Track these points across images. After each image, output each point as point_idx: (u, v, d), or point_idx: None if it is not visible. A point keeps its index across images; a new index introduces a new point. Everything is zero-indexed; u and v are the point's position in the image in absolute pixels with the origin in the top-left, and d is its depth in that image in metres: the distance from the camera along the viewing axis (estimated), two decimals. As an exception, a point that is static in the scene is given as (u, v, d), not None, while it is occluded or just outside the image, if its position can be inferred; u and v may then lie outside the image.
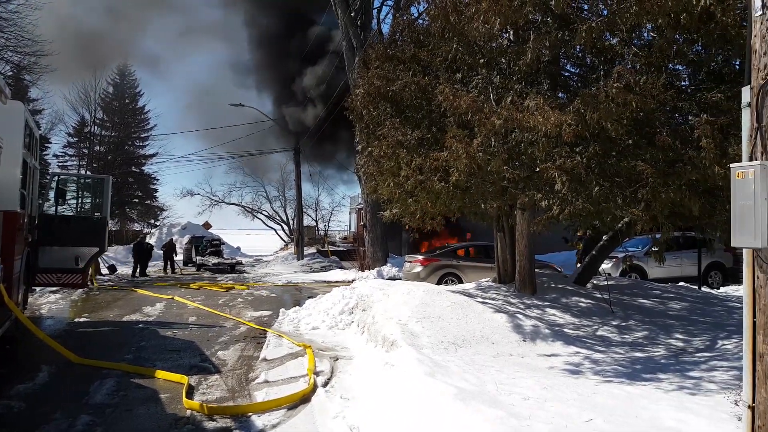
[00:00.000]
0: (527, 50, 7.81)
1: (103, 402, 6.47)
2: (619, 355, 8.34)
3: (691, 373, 7.25)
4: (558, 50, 8.41)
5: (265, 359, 8.36)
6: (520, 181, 8.37)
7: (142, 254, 24.58)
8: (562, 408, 5.64)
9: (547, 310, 10.68)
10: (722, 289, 16.68)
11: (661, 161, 7.12)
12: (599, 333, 9.69)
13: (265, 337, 10.02)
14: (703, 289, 15.87)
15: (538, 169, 7.48)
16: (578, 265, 19.08)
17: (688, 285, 15.28)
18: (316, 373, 7.24)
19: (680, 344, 9.17)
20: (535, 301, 11.11)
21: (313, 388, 6.64)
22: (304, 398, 6.37)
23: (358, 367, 7.64)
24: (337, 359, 8.23)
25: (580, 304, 11.25)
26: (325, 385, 6.87)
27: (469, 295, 10.85)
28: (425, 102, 8.98)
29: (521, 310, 10.30)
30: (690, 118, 6.86)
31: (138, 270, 24.11)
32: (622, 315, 10.70)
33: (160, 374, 7.35)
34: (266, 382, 7.11)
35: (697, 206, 7.04)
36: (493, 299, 11.03)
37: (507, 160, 7.64)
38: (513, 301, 11.05)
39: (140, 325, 11.43)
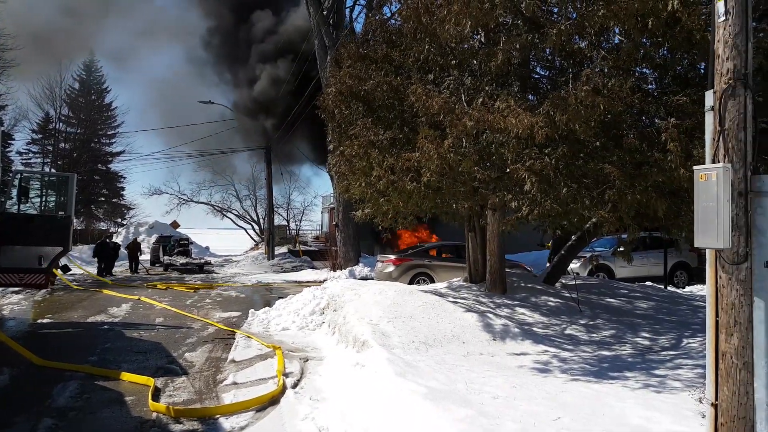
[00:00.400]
0: (498, 52, 7.87)
1: (66, 405, 6.36)
2: (586, 354, 8.45)
3: (657, 372, 7.37)
4: (528, 53, 8.48)
5: (233, 361, 8.28)
6: (490, 181, 8.44)
7: (106, 254, 24.15)
8: (530, 407, 5.70)
9: (517, 309, 10.77)
10: (687, 289, 17.01)
11: (628, 163, 7.23)
12: (567, 332, 9.80)
13: (234, 339, 9.93)
14: (669, 288, 16.14)
15: (508, 170, 7.55)
16: (548, 264, 19.35)
17: (655, 284, 15.52)
18: (286, 375, 7.20)
19: (647, 343, 9.32)
20: (505, 301, 11.19)
21: (282, 390, 6.60)
22: (273, 400, 6.33)
23: (328, 368, 7.61)
24: (307, 360, 8.20)
25: (549, 303, 11.37)
26: (295, 386, 6.84)
27: (441, 295, 10.90)
28: (397, 102, 9.00)
29: (491, 310, 10.37)
30: (657, 121, 6.95)
31: (104, 270, 23.71)
32: (590, 314, 10.84)
33: (125, 376, 7.24)
34: (234, 383, 7.05)
35: (662, 208, 7.16)
36: (464, 299, 11.09)
37: (478, 161, 7.69)
38: (483, 300, 11.12)
39: (105, 327, 11.25)
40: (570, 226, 9.19)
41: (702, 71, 8.72)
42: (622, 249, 9.23)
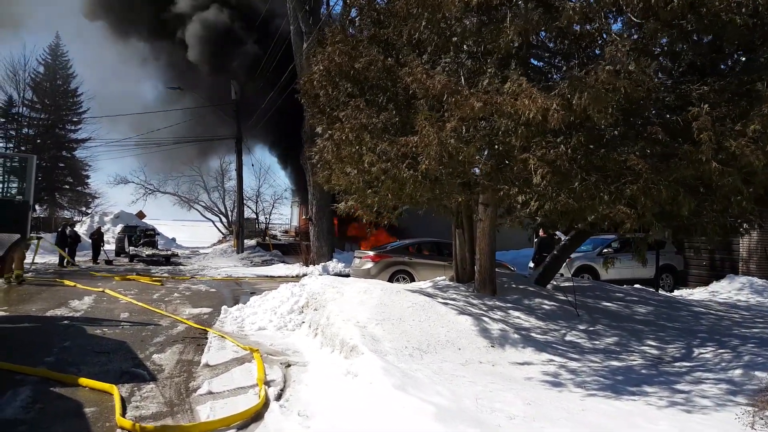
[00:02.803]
0: (504, 29, 7.13)
1: (14, 417, 5.43)
2: (596, 364, 7.75)
3: (679, 386, 6.69)
4: (538, 30, 7.73)
5: (207, 365, 7.38)
6: (491, 172, 7.68)
7: (66, 243, 22.88)
8: (553, 429, 4.96)
9: (511, 312, 10.05)
10: (676, 293, 16.51)
11: (653, 155, 6.53)
12: (568, 338, 9.10)
13: (206, 338, 9.02)
14: (661, 292, 15.62)
15: (518, 159, 6.79)
16: (531, 263, 18.73)
17: (645, 287, 14.97)
18: (267, 383, 6.34)
19: (655, 352, 8.67)
20: (497, 303, 10.46)
21: (266, 403, 5.74)
22: (257, 414, 5.47)
23: (314, 375, 6.76)
24: (290, 366, 7.33)
25: (544, 306, 10.67)
26: (279, 398, 5.98)
27: (429, 295, 10.11)
28: (390, 83, 8.17)
29: (484, 312, 9.63)
30: (690, 108, 6.23)
31: (65, 259, 22.46)
32: (588, 319, 10.17)
33: (85, 382, 6.29)
34: (210, 393, 6.16)
35: (689, 205, 6.48)
36: (453, 300, 10.33)
37: (481, 149, 6.92)
38: (474, 302, 10.37)
39: (65, 322, 10.22)
40: (583, 225, 8.44)
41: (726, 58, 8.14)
42: (612, 252, 8.52)
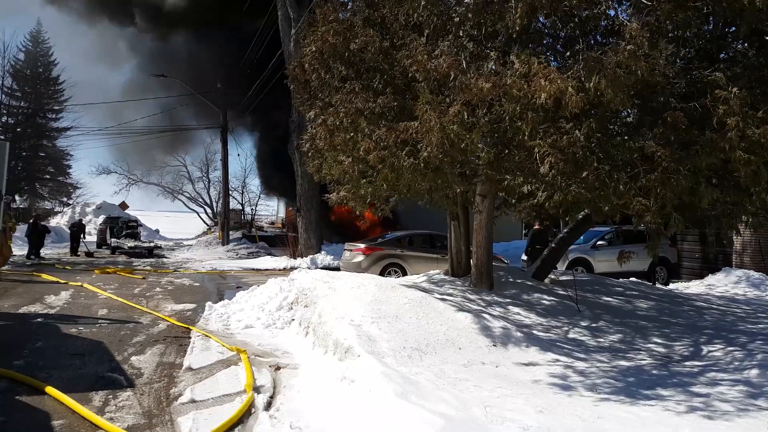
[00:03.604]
0: (509, 10, 6.64)
1: (-29, 432, 4.90)
2: (604, 364, 7.31)
3: (695, 389, 6.27)
4: (547, 10, 7.23)
5: (190, 368, 6.83)
6: (494, 161, 7.19)
7: (37, 235, 22.16)
8: (572, 442, 4.50)
9: (510, 308, 9.63)
10: (671, 286, 16.18)
11: (673, 142, 6.07)
12: (571, 336, 8.69)
13: (189, 337, 8.49)
14: (658, 285, 15.29)
15: (526, 146, 6.31)
16: (524, 256, 18.32)
17: (640, 281, 14.61)
18: (256, 390, 5.84)
19: (662, 350, 8.27)
20: (495, 298, 10.04)
21: (253, 412, 5.24)
22: (244, 427, 4.97)
23: (307, 380, 6.26)
24: (279, 368, 6.83)
25: (543, 301, 10.26)
26: (269, 407, 5.47)
27: (425, 291, 9.65)
28: (387, 66, 7.64)
29: (483, 309, 9.18)
30: (717, 91, 5.77)
31: (33, 252, 21.74)
32: (590, 315, 9.77)
33: (52, 392, 5.72)
34: (193, 401, 5.63)
35: (711, 196, 6.05)
36: (450, 295, 9.88)
37: (487, 134, 6.42)
38: (472, 297, 9.94)
39: (39, 320, 9.63)
40: (596, 217, 7.98)
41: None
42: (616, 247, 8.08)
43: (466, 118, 6.13)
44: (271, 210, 50.12)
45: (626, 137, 6.24)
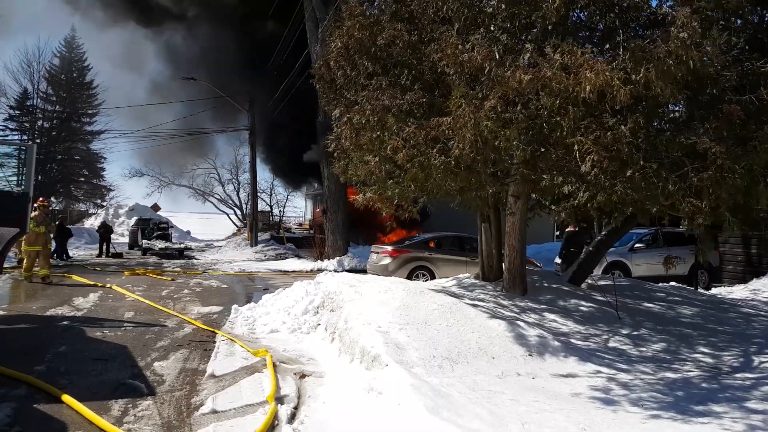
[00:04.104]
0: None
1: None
2: (648, 376, 6.86)
3: (750, 405, 5.79)
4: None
5: (213, 375, 6.56)
6: (529, 160, 6.79)
7: (63, 236, 22.28)
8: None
9: (546, 315, 9.20)
10: (714, 290, 15.50)
11: (728, 138, 5.61)
12: (612, 345, 8.23)
13: (214, 341, 8.25)
14: (701, 290, 14.65)
15: (566, 143, 5.90)
16: (558, 260, 17.79)
17: (681, 285, 14.00)
18: (279, 399, 5.53)
19: (710, 360, 7.78)
20: (529, 304, 9.61)
21: (276, 425, 4.93)
22: (265, 443, 4.66)
23: (332, 390, 5.93)
24: (304, 376, 6.52)
25: (581, 308, 9.80)
26: (292, 419, 5.16)
27: (455, 296, 9.28)
28: (416, 61, 7.29)
29: (517, 315, 8.78)
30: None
31: (63, 254, 21.90)
32: (630, 322, 9.28)
33: (69, 401, 5.48)
34: (214, 412, 5.34)
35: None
36: (482, 301, 9.49)
37: (525, 131, 6.03)
38: (504, 303, 9.53)
39: (65, 323, 9.47)
40: (642, 218, 7.52)
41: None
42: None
43: (502, 114, 5.75)
44: (299, 211, 50.11)
45: (675, 133, 5.78)
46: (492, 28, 7.22)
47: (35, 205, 15.03)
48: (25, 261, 14.77)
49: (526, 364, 7.00)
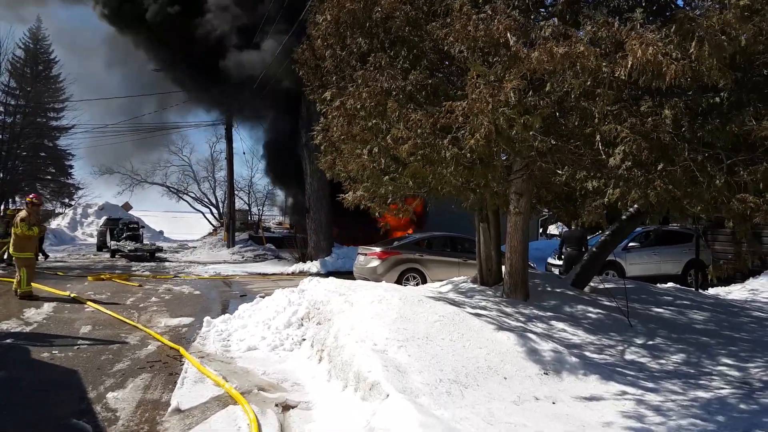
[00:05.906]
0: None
1: None
2: (678, 396, 6.02)
3: (807, 433, 5.00)
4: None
5: (177, 409, 5.54)
6: (549, 151, 5.92)
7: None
8: None
9: (553, 323, 8.37)
10: (711, 290, 14.83)
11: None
12: (629, 357, 7.42)
13: (182, 362, 7.25)
14: (700, 291, 13.95)
15: (598, 129, 5.03)
16: (551, 260, 17.06)
17: (685, 287, 13.30)
18: (260, 443, 4.59)
19: (736, 373, 6.99)
20: (534, 311, 8.77)
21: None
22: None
23: (323, 427, 5.00)
24: (289, 408, 5.57)
25: (589, 314, 9.00)
26: (276, 471, 4.22)
27: (456, 304, 8.38)
28: (417, 38, 6.36)
29: (523, 324, 7.94)
30: None
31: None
32: (643, 330, 8.50)
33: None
34: (177, 462, 4.38)
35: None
36: (484, 308, 8.62)
37: (550, 116, 5.15)
38: (508, 310, 8.68)
39: (8, 341, 8.34)
40: (680, 218, 6.68)
41: None
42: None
43: (524, 98, 4.85)
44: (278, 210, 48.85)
45: (725, 120, 4.94)
46: (498, 2, 6.33)
47: (25, 201, 13.54)
48: (20, 273, 11.98)
49: (543, 384, 6.13)
